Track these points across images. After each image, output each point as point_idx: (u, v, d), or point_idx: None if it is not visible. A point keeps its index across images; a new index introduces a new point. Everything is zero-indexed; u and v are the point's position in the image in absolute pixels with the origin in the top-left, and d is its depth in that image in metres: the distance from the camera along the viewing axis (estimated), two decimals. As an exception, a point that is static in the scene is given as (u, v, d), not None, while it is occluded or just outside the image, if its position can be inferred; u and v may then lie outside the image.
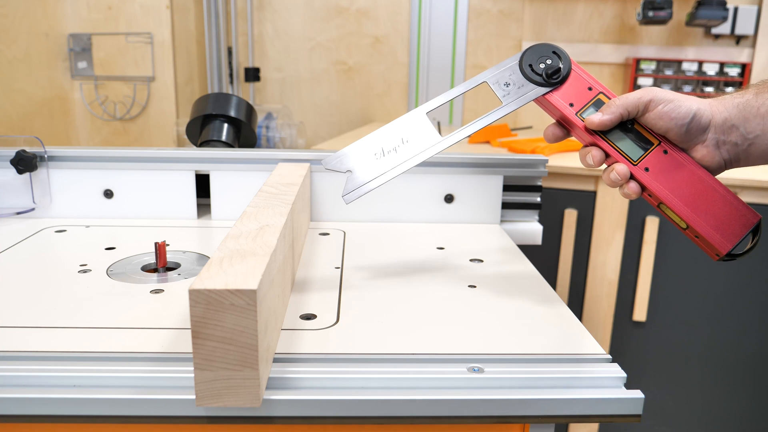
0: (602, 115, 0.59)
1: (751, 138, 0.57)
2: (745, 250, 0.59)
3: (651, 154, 0.59)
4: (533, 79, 0.62)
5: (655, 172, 0.59)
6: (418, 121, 0.62)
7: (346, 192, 0.61)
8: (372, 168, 0.61)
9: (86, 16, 2.16)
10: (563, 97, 0.62)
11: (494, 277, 0.70)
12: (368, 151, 0.61)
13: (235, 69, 2.30)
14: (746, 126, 0.57)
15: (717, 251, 0.59)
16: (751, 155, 0.58)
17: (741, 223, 0.58)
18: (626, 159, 0.60)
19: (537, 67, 0.62)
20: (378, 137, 0.62)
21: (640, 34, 2.06)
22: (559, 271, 1.55)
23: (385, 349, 0.52)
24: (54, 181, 0.90)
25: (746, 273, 1.42)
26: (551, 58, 0.62)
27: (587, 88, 0.62)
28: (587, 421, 0.48)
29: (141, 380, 0.46)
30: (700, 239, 0.59)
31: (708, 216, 0.58)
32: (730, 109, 0.57)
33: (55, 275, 0.69)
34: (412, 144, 0.62)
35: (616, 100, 0.59)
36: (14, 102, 2.00)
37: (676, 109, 0.57)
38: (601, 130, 0.60)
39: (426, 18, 2.21)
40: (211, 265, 0.44)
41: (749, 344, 1.46)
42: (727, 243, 0.58)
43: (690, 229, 0.59)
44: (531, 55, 0.62)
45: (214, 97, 1.06)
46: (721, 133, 0.58)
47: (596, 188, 1.48)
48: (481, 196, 0.91)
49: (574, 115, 0.61)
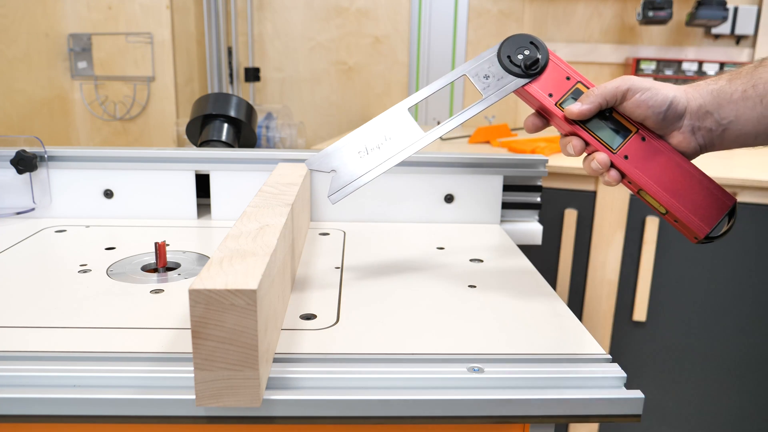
0: (581, 105, 0.60)
1: (725, 123, 0.58)
2: (721, 232, 0.61)
3: (630, 142, 0.60)
4: (512, 70, 0.62)
5: (634, 159, 0.60)
6: (400, 118, 0.62)
7: (331, 192, 0.61)
8: (356, 167, 0.61)
9: (86, 16, 2.16)
10: (542, 87, 0.62)
11: (494, 277, 0.70)
12: (351, 150, 0.61)
13: (235, 69, 2.30)
14: (720, 112, 0.58)
15: (695, 234, 0.61)
16: (725, 140, 0.59)
17: (717, 207, 0.60)
18: (606, 147, 0.61)
19: (515, 58, 0.62)
20: (361, 135, 0.62)
21: (640, 34, 2.06)
22: (559, 271, 1.55)
23: (385, 349, 0.52)
24: (54, 181, 0.90)
25: (746, 273, 1.42)
26: (529, 49, 0.62)
27: (565, 78, 0.62)
28: (587, 421, 0.48)
29: (141, 380, 0.46)
30: (679, 223, 0.61)
31: (686, 201, 0.60)
32: (704, 96, 0.58)
33: (55, 275, 0.69)
34: (396, 141, 0.62)
35: (595, 89, 0.60)
36: (14, 102, 2.00)
37: (653, 97, 0.58)
38: (581, 119, 0.60)
39: (426, 18, 2.21)
40: (211, 265, 0.44)
41: (749, 344, 1.46)
42: (704, 226, 0.60)
43: (669, 214, 0.61)
44: (509, 47, 0.62)
45: (214, 97, 1.06)
46: (696, 119, 0.59)
47: (596, 188, 1.48)
48: (481, 196, 0.91)
49: (553, 105, 0.62)
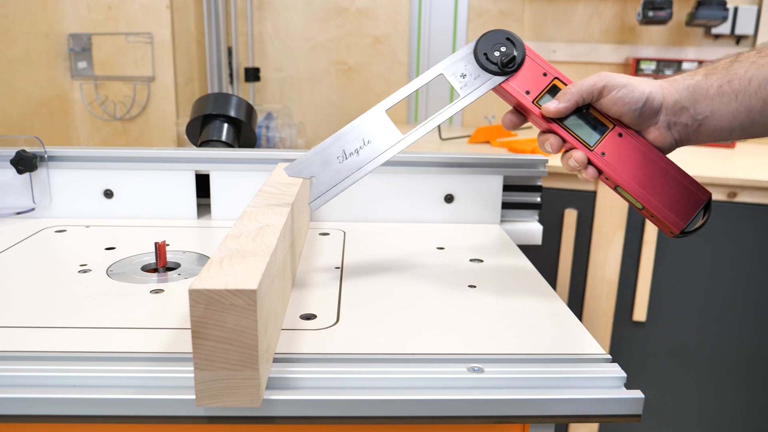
0: (558, 104, 0.60)
1: (700, 119, 0.58)
2: (696, 226, 0.61)
3: (607, 138, 0.61)
4: (489, 68, 0.61)
5: (611, 156, 0.61)
6: (378, 121, 0.62)
7: (312, 198, 0.61)
8: (336, 172, 0.60)
9: (86, 16, 2.16)
10: (519, 85, 0.62)
11: (494, 277, 0.70)
12: (330, 155, 0.61)
13: (235, 69, 2.29)
14: (696, 108, 0.58)
15: (671, 230, 0.61)
16: (701, 134, 0.59)
17: (692, 202, 0.61)
18: (583, 145, 0.61)
19: (492, 55, 0.61)
20: (339, 140, 0.61)
21: (640, 34, 2.06)
22: (559, 271, 1.55)
23: (385, 349, 0.52)
24: (54, 181, 0.90)
25: (746, 273, 1.42)
26: (505, 45, 0.61)
27: (542, 74, 0.62)
28: (587, 421, 0.48)
29: (141, 380, 0.46)
30: (656, 219, 0.61)
31: (662, 197, 0.60)
32: (680, 92, 0.59)
33: (55, 275, 0.69)
34: (374, 144, 0.61)
35: (571, 87, 0.60)
36: (14, 102, 2.00)
37: (629, 94, 0.58)
38: (558, 117, 0.60)
39: (426, 18, 2.21)
40: (211, 265, 0.44)
41: (749, 344, 1.46)
42: (680, 222, 0.61)
43: (645, 210, 0.61)
44: (485, 44, 0.61)
45: (214, 97, 1.06)
46: (672, 114, 0.59)
47: (596, 188, 1.48)
48: (481, 196, 0.91)
49: (530, 103, 0.62)
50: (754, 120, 0.57)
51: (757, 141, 1.98)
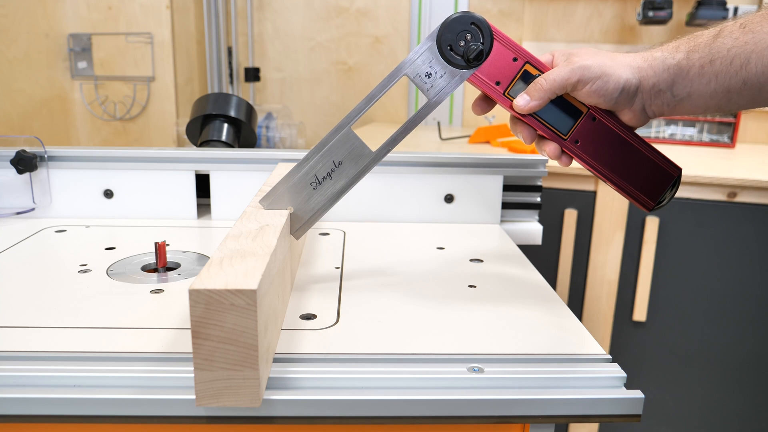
0: (529, 100, 0.58)
1: (677, 100, 0.58)
2: (665, 200, 0.63)
3: (580, 125, 0.60)
4: (455, 62, 0.58)
5: (584, 142, 0.60)
6: (346, 140, 0.59)
7: (293, 230, 0.61)
8: (311, 200, 0.60)
9: (86, 16, 2.16)
10: (488, 75, 0.59)
11: (494, 277, 0.70)
12: (303, 183, 0.60)
13: (235, 69, 2.29)
14: (673, 90, 0.57)
15: (644, 206, 0.62)
16: (675, 112, 0.59)
17: (663, 180, 0.62)
18: (556, 135, 0.60)
19: (457, 47, 0.57)
20: (309, 166, 0.60)
21: (640, 34, 2.06)
22: (559, 271, 1.55)
23: (385, 349, 0.52)
24: (54, 181, 0.90)
25: (746, 273, 1.42)
26: (470, 32, 0.57)
27: (512, 60, 0.59)
28: (587, 421, 0.48)
29: (141, 380, 0.46)
30: (628, 197, 0.63)
31: (634, 178, 0.61)
32: (659, 74, 0.57)
33: (55, 275, 0.69)
34: (346, 165, 0.59)
35: (543, 82, 0.58)
36: (14, 102, 2.00)
37: (604, 86, 0.57)
38: (529, 113, 0.60)
39: (426, 18, 2.21)
40: (211, 265, 0.44)
41: (749, 344, 1.46)
42: (650, 201, 0.62)
43: (618, 189, 0.62)
44: (449, 34, 0.57)
45: (214, 97, 1.06)
46: (649, 97, 0.58)
47: (596, 188, 1.48)
48: (481, 196, 0.91)
49: (501, 96, 0.60)
50: (731, 99, 0.56)
51: (757, 141, 1.98)
